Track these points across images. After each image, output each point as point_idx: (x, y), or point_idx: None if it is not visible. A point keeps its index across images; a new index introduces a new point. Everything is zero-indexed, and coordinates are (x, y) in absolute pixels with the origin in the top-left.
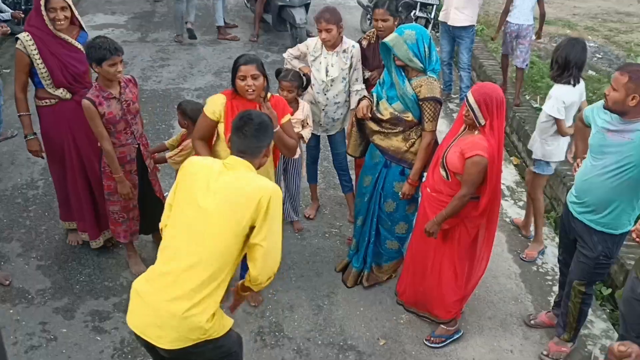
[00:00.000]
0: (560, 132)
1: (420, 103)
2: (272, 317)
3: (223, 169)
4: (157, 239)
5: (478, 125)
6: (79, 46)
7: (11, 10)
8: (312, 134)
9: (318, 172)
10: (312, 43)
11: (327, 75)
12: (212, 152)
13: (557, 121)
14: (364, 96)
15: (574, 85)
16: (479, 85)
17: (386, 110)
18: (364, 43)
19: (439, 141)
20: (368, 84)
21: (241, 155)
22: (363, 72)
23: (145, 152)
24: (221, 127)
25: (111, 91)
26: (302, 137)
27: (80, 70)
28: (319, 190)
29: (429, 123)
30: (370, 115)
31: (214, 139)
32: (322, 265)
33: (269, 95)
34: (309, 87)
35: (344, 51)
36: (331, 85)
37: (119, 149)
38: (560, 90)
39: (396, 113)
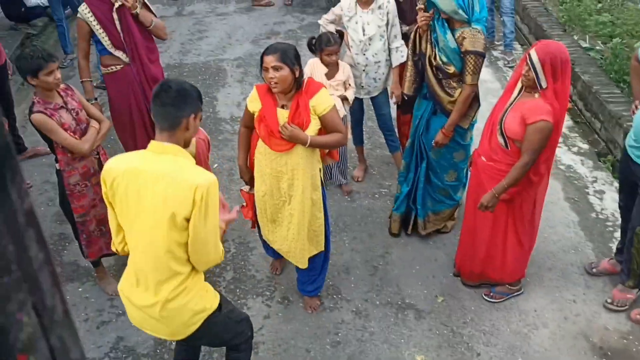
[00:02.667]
0: None
1: (463, 56)
2: (328, 280)
3: (149, 158)
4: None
5: (539, 88)
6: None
7: None
8: (355, 97)
9: (363, 132)
10: (346, 3)
11: (364, 34)
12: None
13: None
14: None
15: None
16: (543, 43)
17: (436, 59)
18: None
19: (479, 97)
20: (407, 38)
21: (162, 130)
22: (401, 27)
23: None
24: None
25: (56, 101)
26: (346, 99)
27: (135, 30)
28: (365, 151)
29: (469, 76)
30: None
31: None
32: (374, 226)
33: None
34: (348, 50)
35: (379, 7)
36: (369, 44)
37: (80, 163)
38: None
39: (440, 63)
